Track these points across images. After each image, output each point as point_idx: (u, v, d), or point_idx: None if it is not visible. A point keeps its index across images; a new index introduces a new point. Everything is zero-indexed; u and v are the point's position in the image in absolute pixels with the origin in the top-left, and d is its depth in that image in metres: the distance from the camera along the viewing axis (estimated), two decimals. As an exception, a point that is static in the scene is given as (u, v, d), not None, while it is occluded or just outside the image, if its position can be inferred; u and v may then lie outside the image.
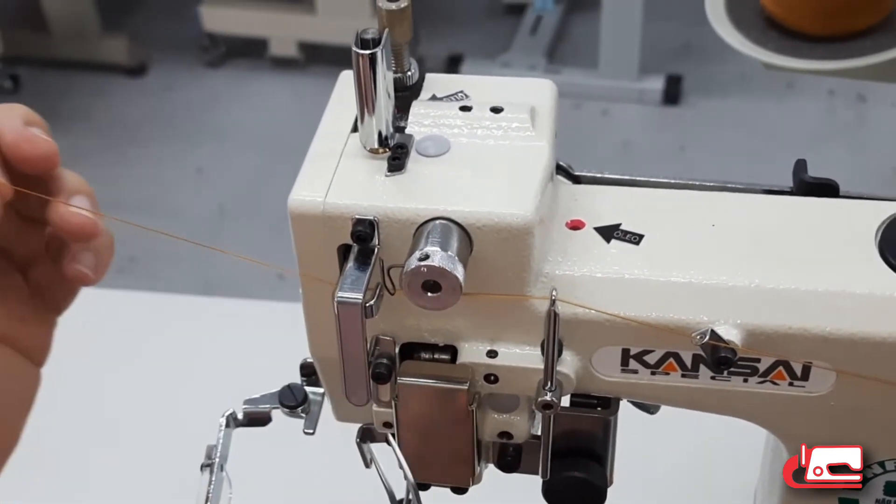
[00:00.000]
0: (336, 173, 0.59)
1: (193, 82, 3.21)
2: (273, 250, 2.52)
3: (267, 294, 1.32)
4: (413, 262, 0.54)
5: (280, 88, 3.15)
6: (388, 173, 0.59)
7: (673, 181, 0.67)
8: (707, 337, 0.57)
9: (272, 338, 1.06)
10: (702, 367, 0.60)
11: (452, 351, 0.62)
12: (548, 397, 0.60)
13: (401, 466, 0.67)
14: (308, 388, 0.76)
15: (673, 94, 3.01)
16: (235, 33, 3.20)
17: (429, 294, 0.55)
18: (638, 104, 3.01)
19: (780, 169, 0.68)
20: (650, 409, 0.69)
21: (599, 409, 0.66)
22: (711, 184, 0.66)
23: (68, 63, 3.23)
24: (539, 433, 0.66)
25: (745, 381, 0.60)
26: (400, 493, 0.75)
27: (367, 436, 0.72)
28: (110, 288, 1.38)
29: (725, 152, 2.82)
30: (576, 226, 0.62)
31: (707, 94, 3.04)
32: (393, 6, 0.59)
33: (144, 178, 2.85)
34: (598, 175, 0.68)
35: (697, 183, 0.66)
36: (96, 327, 1.19)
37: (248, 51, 3.25)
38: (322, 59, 3.19)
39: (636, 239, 0.61)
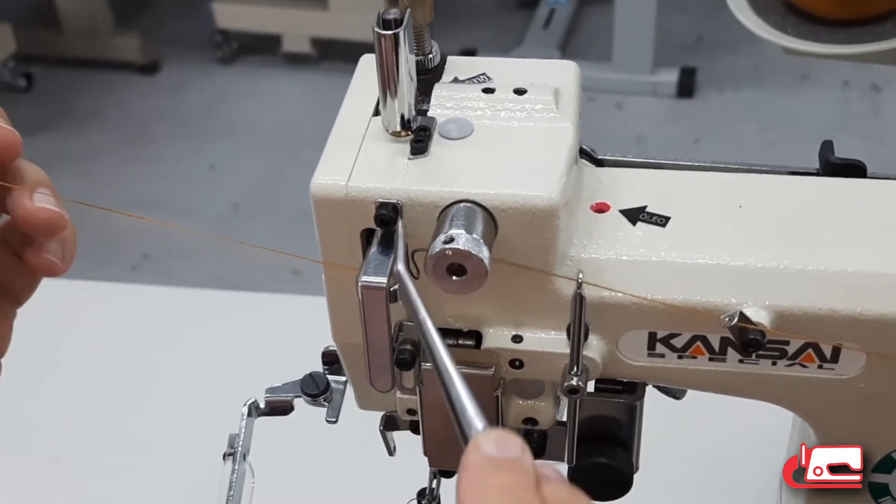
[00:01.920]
0: (358, 157, 0.58)
1: (206, 79, 3.21)
2: (288, 246, 2.51)
3: (282, 290, 1.32)
4: (438, 246, 0.54)
5: (293, 85, 3.15)
6: (411, 156, 0.58)
7: (697, 164, 0.66)
8: (736, 319, 0.57)
9: (291, 330, 1.06)
10: (730, 350, 0.60)
11: (477, 336, 0.62)
12: (574, 382, 0.60)
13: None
14: (330, 377, 0.75)
15: (687, 86, 3.00)
16: (248, 30, 3.20)
17: (454, 278, 0.54)
18: (652, 97, 3.00)
19: (796, 160, 0.67)
20: (676, 394, 0.68)
21: (625, 394, 0.66)
22: (736, 166, 0.66)
23: (81, 61, 3.24)
24: (564, 419, 0.66)
25: (774, 364, 0.60)
26: (423, 482, 0.75)
27: (390, 424, 0.71)
28: (128, 283, 1.39)
29: (740, 145, 2.81)
30: (601, 208, 0.61)
31: (721, 87, 3.03)
32: (414, -15, 0.58)
33: (157, 175, 2.85)
34: (621, 158, 0.67)
35: (722, 165, 0.66)
36: (115, 321, 1.19)
37: (261, 47, 3.25)
38: (335, 54, 3.18)
39: (662, 221, 0.60)
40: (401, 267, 0.55)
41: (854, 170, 0.64)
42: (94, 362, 1.14)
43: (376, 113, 0.60)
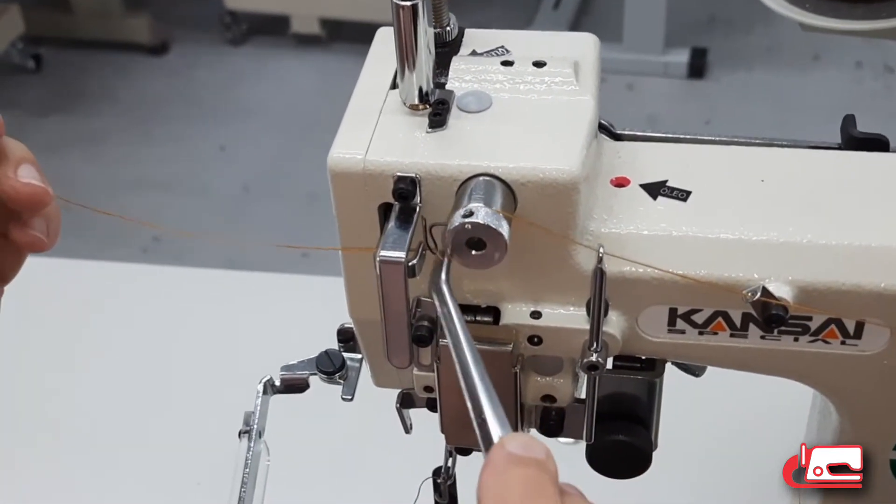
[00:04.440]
0: (376, 130, 0.57)
1: (216, 60, 3.21)
2: (298, 227, 2.52)
3: (291, 271, 1.32)
4: (457, 220, 0.53)
5: (303, 66, 3.14)
6: (430, 130, 0.57)
7: (718, 138, 0.65)
8: (758, 294, 0.56)
9: (305, 308, 1.06)
10: (751, 326, 0.59)
11: (495, 312, 0.61)
12: (593, 358, 0.59)
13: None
14: (346, 354, 0.75)
15: (698, 67, 2.98)
16: (257, 10, 3.19)
17: (473, 252, 0.54)
18: (663, 77, 2.99)
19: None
20: (696, 371, 0.68)
21: (644, 371, 0.65)
22: (758, 140, 0.65)
23: (91, 42, 3.23)
24: (582, 396, 0.65)
25: (796, 340, 0.59)
26: (439, 460, 0.75)
27: (406, 401, 0.71)
28: (138, 262, 1.38)
29: (752, 125, 2.79)
30: (621, 183, 0.61)
31: (733, 67, 3.01)
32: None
33: (167, 156, 2.84)
34: (640, 133, 0.66)
35: (743, 140, 0.65)
36: (128, 302, 1.19)
37: (271, 28, 3.24)
38: (345, 35, 3.17)
39: (683, 195, 0.60)
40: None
41: (876, 144, 0.63)
42: (108, 343, 1.14)
43: (394, 86, 0.59)
